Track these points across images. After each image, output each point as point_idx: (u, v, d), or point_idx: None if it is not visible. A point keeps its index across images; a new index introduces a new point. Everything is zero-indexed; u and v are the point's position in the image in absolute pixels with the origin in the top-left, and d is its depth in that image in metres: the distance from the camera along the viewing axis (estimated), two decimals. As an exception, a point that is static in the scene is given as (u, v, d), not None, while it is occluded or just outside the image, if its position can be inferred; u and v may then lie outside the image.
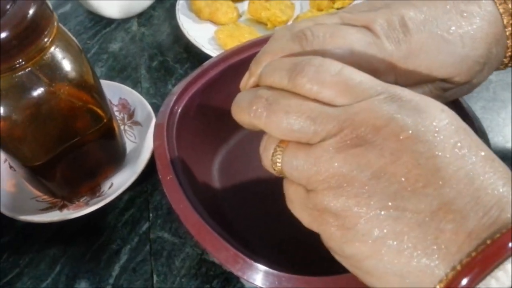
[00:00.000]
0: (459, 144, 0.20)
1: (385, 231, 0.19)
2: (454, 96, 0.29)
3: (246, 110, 0.24)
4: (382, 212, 0.19)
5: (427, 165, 0.19)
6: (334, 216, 0.21)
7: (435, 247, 0.19)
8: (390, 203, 0.19)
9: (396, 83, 0.26)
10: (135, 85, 0.53)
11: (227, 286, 0.38)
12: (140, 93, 0.51)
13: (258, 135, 0.47)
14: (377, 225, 0.20)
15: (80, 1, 0.61)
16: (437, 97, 0.25)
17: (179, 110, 0.39)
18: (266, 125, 0.23)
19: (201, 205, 0.33)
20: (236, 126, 0.45)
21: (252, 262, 0.29)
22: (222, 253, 0.30)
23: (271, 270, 0.29)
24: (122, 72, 0.55)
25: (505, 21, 0.26)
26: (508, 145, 0.47)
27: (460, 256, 0.18)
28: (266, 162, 0.24)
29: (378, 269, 0.20)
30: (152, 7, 0.63)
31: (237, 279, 0.38)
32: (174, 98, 0.39)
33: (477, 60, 0.27)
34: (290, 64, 0.23)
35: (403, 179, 0.19)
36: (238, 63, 0.43)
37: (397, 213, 0.19)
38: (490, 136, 0.47)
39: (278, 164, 0.23)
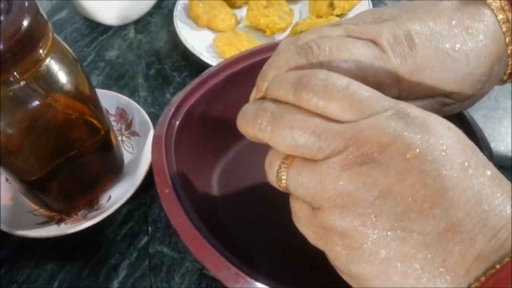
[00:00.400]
0: (466, 164, 0.19)
1: (392, 252, 0.19)
2: (453, 111, 0.29)
3: (250, 123, 0.23)
4: (389, 233, 0.19)
5: (435, 184, 0.19)
6: (340, 236, 0.20)
7: (443, 270, 0.18)
8: (396, 224, 0.19)
9: (398, 96, 0.26)
10: (132, 94, 0.53)
11: (228, 302, 0.37)
12: (138, 102, 0.50)
13: (257, 147, 0.46)
14: (384, 246, 0.19)
15: (76, 8, 0.60)
16: (437, 111, 0.25)
17: (177, 122, 0.38)
18: (271, 139, 0.22)
19: (200, 219, 0.32)
20: (235, 137, 0.44)
21: (253, 281, 0.28)
22: (222, 271, 0.29)
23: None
24: (119, 81, 0.54)
25: (507, 40, 0.26)
26: (510, 155, 0.46)
27: (469, 280, 0.18)
28: (272, 178, 0.24)
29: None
30: (149, 14, 0.62)
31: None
32: (173, 109, 0.38)
33: (480, 78, 0.26)
34: (295, 78, 0.22)
35: (410, 199, 0.19)
36: (237, 73, 0.42)
37: (404, 234, 0.19)
38: (492, 145, 0.47)
39: (283, 181, 0.23)
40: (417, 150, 0.19)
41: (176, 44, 0.58)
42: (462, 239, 0.18)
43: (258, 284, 0.28)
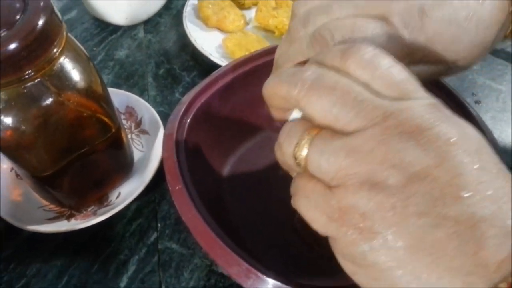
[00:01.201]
0: (499, 166, 0.19)
1: (420, 239, 0.18)
2: (452, 74, 0.29)
3: (286, 81, 0.22)
4: (421, 218, 0.18)
5: (472, 175, 0.18)
6: (361, 217, 0.18)
7: (473, 263, 0.17)
8: (430, 209, 0.18)
9: (407, 64, 0.26)
10: (142, 93, 0.53)
11: (236, 298, 0.37)
12: (147, 101, 0.50)
13: (266, 144, 0.46)
14: (412, 232, 0.18)
15: (86, 8, 0.61)
16: (436, 75, 0.25)
17: (188, 120, 0.39)
18: (307, 100, 0.21)
19: (210, 215, 0.33)
20: (244, 136, 0.45)
21: (265, 277, 0.29)
22: (233, 267, 0.29)
23: (283, 285, 0.29)
24: (129, 80, 0.55)
25: (510, 9, 0.26)
26: (518, 155, 0.47)
27: (500, 276, 0.17)
28: (287, 149, 0.21)
29: (402, 283, 0.18)
30: (158, 14, 0.63)
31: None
32: (184, 108, 0.39)
33: (486, 46, 0.26)
34: (343, 47, 0.22)
35: (447, 184, 0.18)
36: (247, 73, 0.42)
37: (437, 221, 0.17)
38: (500, 147, 0.47)
39: (303, 153, 0.21)
40: (455, 139, 0.18)
41: (185, 44, 0.58)
42: (496, 234, 0.17)
43: (270, 280, 0.29)
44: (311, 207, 0.20)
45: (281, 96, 0.22)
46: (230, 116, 0.44)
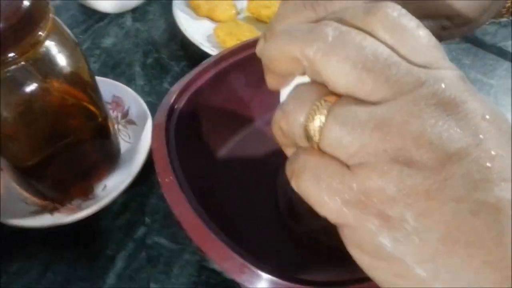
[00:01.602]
0: None
1: (457, 229, 0.15)
2: (450, 36, 0.28)
3: (301, 38, 0.18)
4: (458, 204, 0.15)
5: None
6: (390, 202, 0.16)
7: (510, 257, 0.15)
8: (468, 194, 0.15)
9: None
10: (129, 82, 0.51)
11: (228, 295, 0.36)
12: (135, 90, 0.49)
13: (259, 135, 0.45)
14: (449, 220, 0.15)
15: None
16: (435, 35, 0.23)
17: (178, 110, 0.37)
18: (324, 59, 0.17)
19: (202, 208, 0.32)
20: (235, 127, 0.44)
21: (259, 271, 0.28)
22: (227, 262, 0.28)
23: (278, 280, 0.28)
24: (116, 69, 0.53)
25: None
26: None
27: None
28: (297, 118, 0.18)
29: (430, 276, 0.16)
30: (147, 2, 0.61)
31: (238, 287, 0.37)
32: (174, 97, 0.37)
33: (483, 3, 0.26)
34: (365, 3, 0.19)
35: (486, 167, 0.15)
36: (240, 62, 0.41)
37: (476, 207, 0.15)
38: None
39: (317, 123, 0.17)
40: (489, 117, 0.16)
41: (174, 34, 0.57)
42: None
43: (264, 275, 0.28)
44: (322, 190, 0.17)
45: (290, 57, 0.18)
46: (222, 106, 0.42)
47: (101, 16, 0.59)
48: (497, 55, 0.57)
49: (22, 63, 0.30)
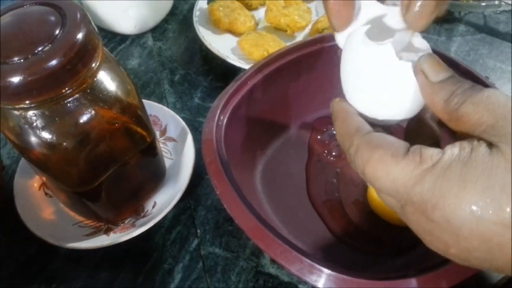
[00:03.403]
0: None
1: None
2: None
3: None
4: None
5: None
6: None
7: None
8: None
9: None
10: (160, 100, 0.53)
11: (287, 297, 0.38)
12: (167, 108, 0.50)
13: (294, 141, 0.47)
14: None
15: (91, 19, 0.60)
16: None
17: (223, 124, 0.39)
18: None
19: (255, 216, 0.33)
20: (274, 134, 0.45)
21: (330, 271, 0.29)
22: (296, 264, 0.30)
23: (347, 277, 0.29)
24: (145, 88, 0.54)
25: None
26: None
27: None
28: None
29: None
30: (165, 20, 0.63)
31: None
32: (218, 112, 0.39)
33: None
34: None
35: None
36: (274, 72, 0.43)
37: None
38: None
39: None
40: None
41: (196, 49, 0.58)
42: None
43: (333, 273, 0.29)
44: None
45: None
46: (259, 116, 0.44)
47: (122, 38, 0.61)
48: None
49: (78, 94, 0.32)
